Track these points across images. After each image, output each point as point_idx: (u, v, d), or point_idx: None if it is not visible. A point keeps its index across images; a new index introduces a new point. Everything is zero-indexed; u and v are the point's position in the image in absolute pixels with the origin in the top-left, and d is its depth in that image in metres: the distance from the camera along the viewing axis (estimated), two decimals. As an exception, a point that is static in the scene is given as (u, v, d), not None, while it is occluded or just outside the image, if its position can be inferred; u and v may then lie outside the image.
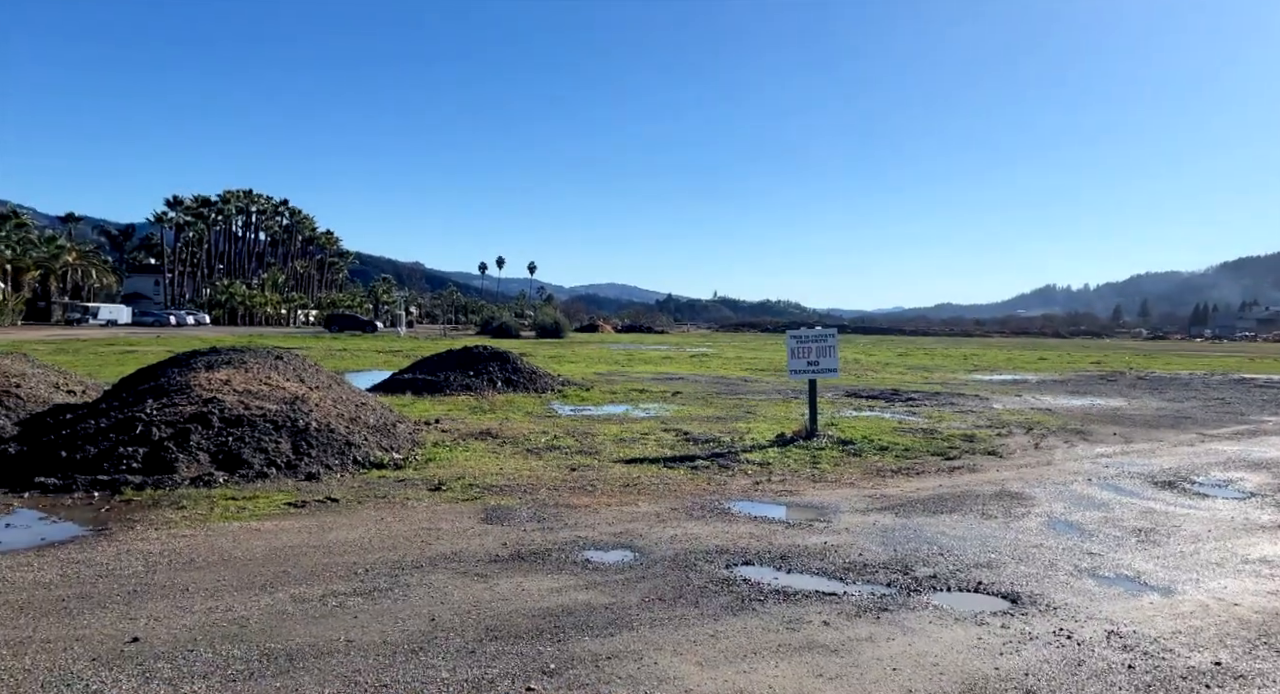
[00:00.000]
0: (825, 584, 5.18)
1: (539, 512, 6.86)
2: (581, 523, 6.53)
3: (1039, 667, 3.94)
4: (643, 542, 6.02)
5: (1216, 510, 7.39)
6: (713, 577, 5.25)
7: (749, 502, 7.48)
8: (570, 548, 5.82)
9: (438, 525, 6.34)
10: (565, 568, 5.36)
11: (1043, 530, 6.60)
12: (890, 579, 5.28)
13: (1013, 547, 6.09)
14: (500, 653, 3.97)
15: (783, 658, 4.02)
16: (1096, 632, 4.39)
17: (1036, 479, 8.76)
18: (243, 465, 7.74)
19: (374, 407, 10.86)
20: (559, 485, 7.92)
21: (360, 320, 73.22)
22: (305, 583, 4.91)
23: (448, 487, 7.72)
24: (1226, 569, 5.57)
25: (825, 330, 11.85)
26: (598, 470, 8.72)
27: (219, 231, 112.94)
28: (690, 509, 7.07)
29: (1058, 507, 7.47)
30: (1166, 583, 5.27)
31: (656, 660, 3.94)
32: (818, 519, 6.84)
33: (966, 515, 7.07)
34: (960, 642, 4.25)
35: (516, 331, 66.61)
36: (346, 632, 4.18)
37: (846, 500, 7.58)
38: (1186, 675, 3.85)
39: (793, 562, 5.62)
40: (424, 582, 5.00)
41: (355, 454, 8.55)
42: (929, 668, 3.92)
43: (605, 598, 4.79)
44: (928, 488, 8.23)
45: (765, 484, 8.24)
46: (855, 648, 4.15)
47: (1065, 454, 10.47)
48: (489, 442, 10.47)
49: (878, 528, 6.58)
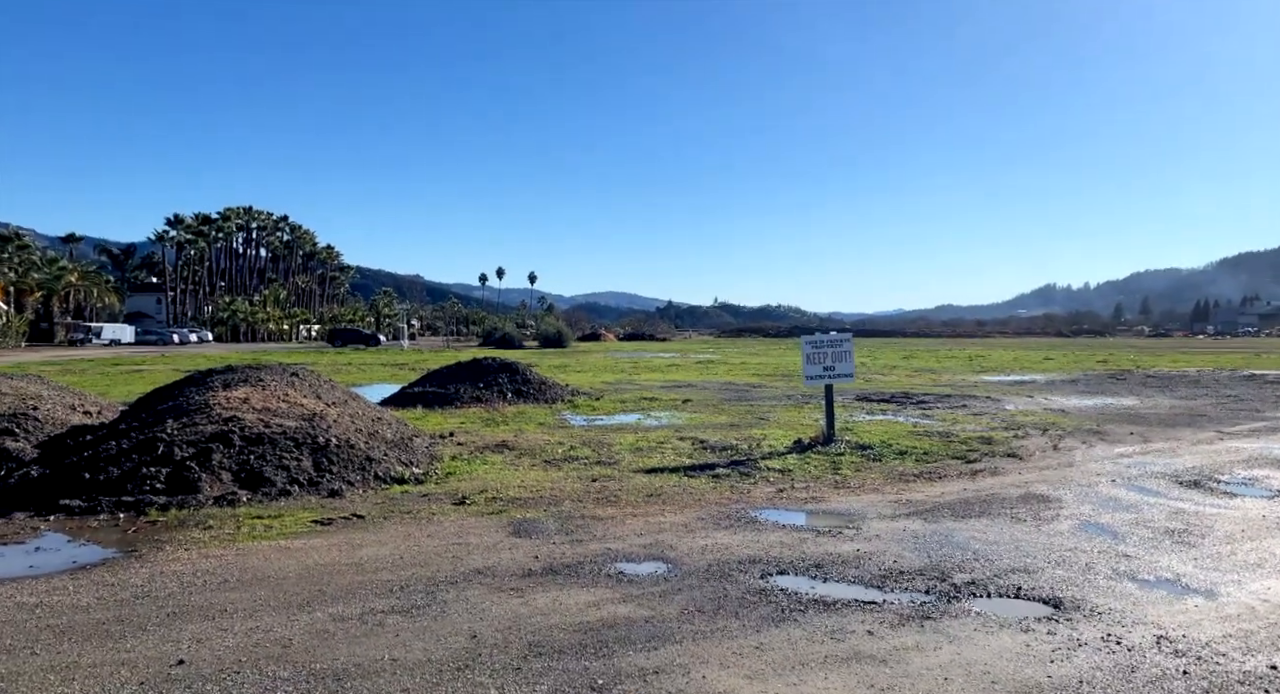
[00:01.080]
0: (863, 593, 5.14)
1: (565, 524, 6.82)
2: (610, 535, 6.48)
3: (1092, 674, 3.89)
4: (674, 553, 5.98)
5: (1247, 510, 7.34)
6: (749, 587, 5.20)
7: (775, 510, 7.44)
8: (602, 560, 5.77)
9: (467, 540, 6.30)
10: (600, 581, 5.32)
11: (1075, 533, 6.55)
12: (929, 586, 5.24)
13: (1047, 550, 6.05)
14: (546, 670, 3.93)
15: (831, 669, 3.97)
16: (1145, 637, 4.34)
17: (1060, 481, 8.71)
18: (265, 483, 7.71)
19: (389, 421, 10.83)
20: (582, 497, 7.88)
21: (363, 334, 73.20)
22: (342, 601, 4.87)
23: (471, 500, 7.68)
24: (1267, 570, 5.52)
25: (840, 335, 11.82)
26: (619, 481, 8.68)
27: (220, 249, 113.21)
28: (717, 519, 7.02)
29: (1086, 509, 7.42)
30: (1208, 585, 5.22)
31: (704, 675, 3.90)
32: (847, 526, 6.80)
33: (996, 519, 7.02)
34: (1008, 649, 4.20)
35: (519, 342, 66.63)
36: (390, 650, 4.14)
37: (873, 506, 7.53)
38: (1244, 680, 3.80)
39: (828, 570, 5.57)
40: (460, 597, 4.96)
41: (376, 470, 8.51)
42: (980, 677, 3.88)
43: (644, 611, 4.74)
44: (952, 492, 8.18)
45: (789, 491, 8.20)
46: (903, 657, 4.11)
47: (1085, 455, 10.41)
48: (506, 454, 10.44)
49: (908, 534, 6.54)
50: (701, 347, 68.51)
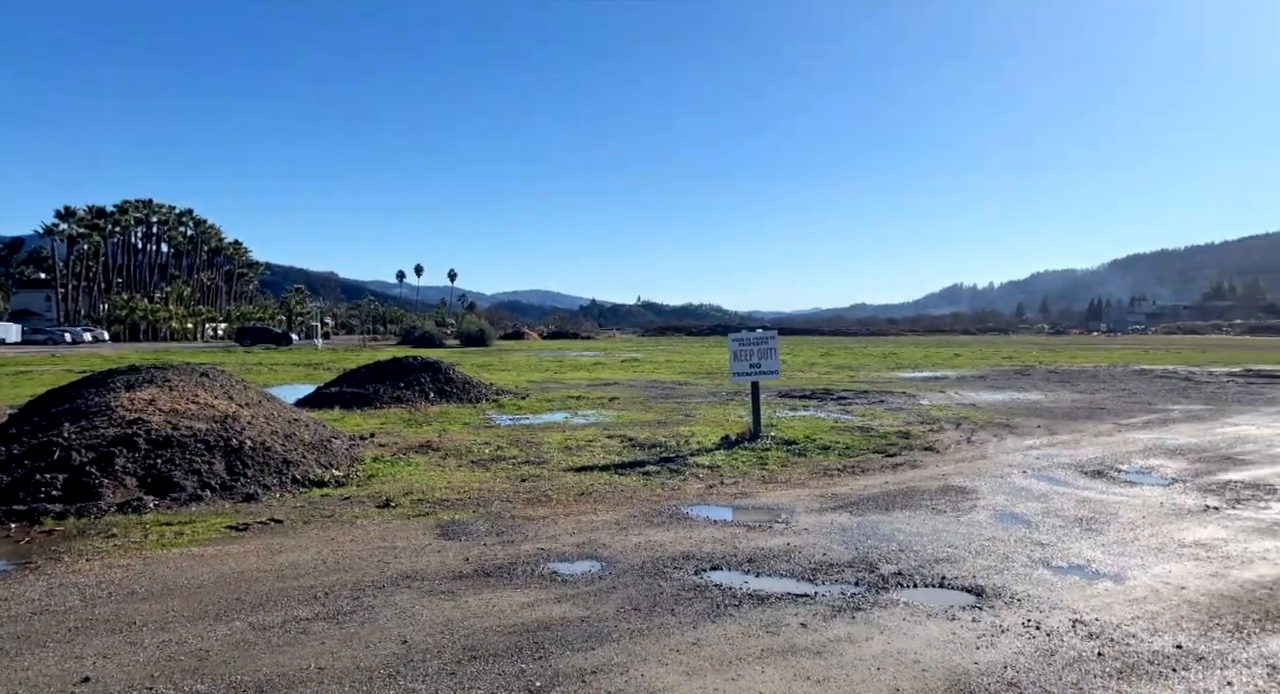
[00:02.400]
0: (796, 586, 5.21)
1: (496, 525, 6.69)
2: (542, 534, 6.39)
3: (1015, 659, 4.03)
4: (608, 551, 5.94)
5: (1146, 497, 7.77)
6: (684, 584, 5.20)
7: (706, 506, 7.48)
8: (535, 561, 5.69)
9: (393, 543, 6.11)
10: (533, 582, 5.23)
11: (992, 523, 6.81)
12: (858, 578, 5.34)
13: (967, 540, 6.26)
14: (482, 673, 3.83)
15: (767, 663, 4.00)
16: (1062, 621, 4.53)
17: (975, 472, 9.05)
18: (175, 488, 7.30)
19: (307, 422, 10.44)
20: (512, 497, 7.75)
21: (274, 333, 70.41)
22: (262, 609, 4.64)
23: (396, 503, 7.46)
24: (1167, 554, 5.85)
25: (765, 333, 11.99)
26: (549, 480, 8.58)
27: (116, 244, 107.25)
28: (649, 516, 7.01)
29: (1001, 499, 7.72)
30: (1116, 570, 5.49)
31: (643, 673, 3.87)
32: (776, 520, 6.89)
33: (918, 511, 7.23)
34: (936, 637, 4.32)
35: (440, 341, 65.37)
36: (316, 659, 3.96)
37: (801, 501, 7.66)
38: (1153, 660, 4.00)
39: (760, 564, 5.63)
40: (389, 602, 4.80)
41: (294, 472, 8.18)
42: (911, 665, 3.97)
43: (580, 611, 4.69)
44: (875, 485, 8.39)
45: (719, 487, 8.26)
46: (837, 649, 4.17)
47: (997, 447, 10.85)
48: (431, 455, 10.19)
49: (836, 527, 6.67)
50: (626, 345, 68.64)
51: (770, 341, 11.89)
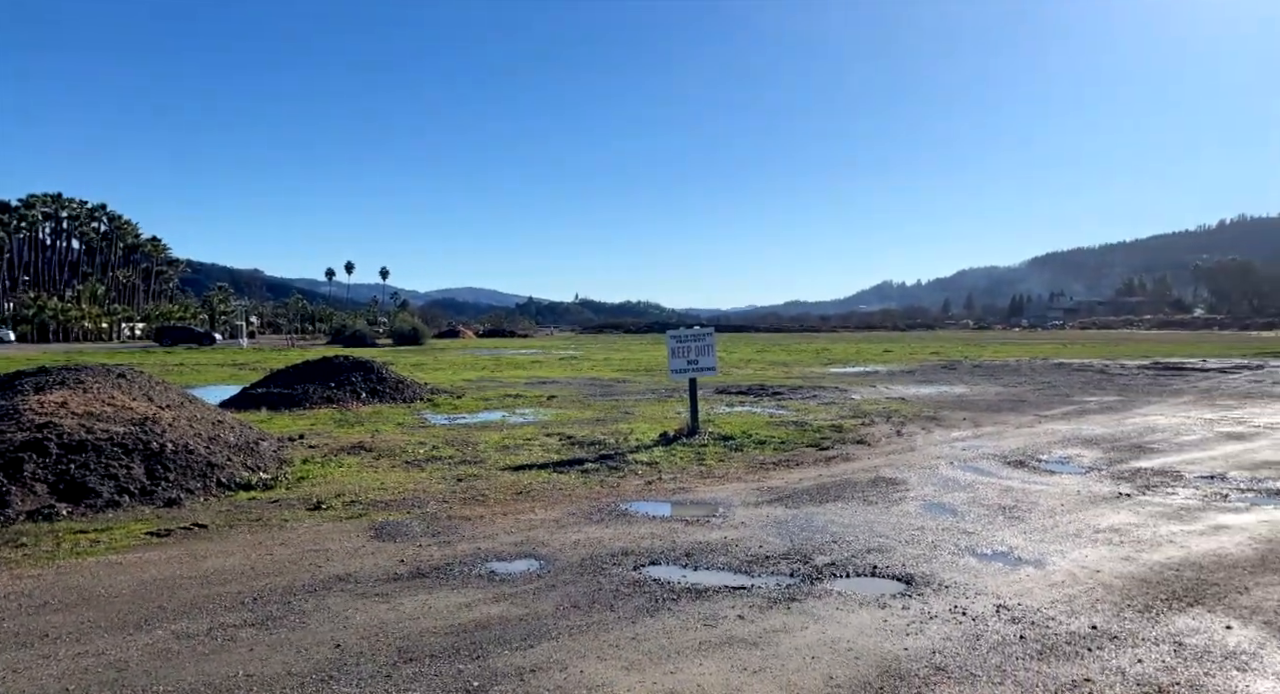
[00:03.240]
0: (733, 579, 5.27)
1: (432, 525, 6.59)
2: (479, 534, 6.33)
3: (943, 644, 4.16)
4: (546, 549, 5.91)
5: (1064, 485, 8.12)
6: (623, 579, 5.22)
7: (645, 502, 7.51)
8: (472, 561, 5.62)
9: (325, 546, 5.96)
10: (470, 582, 5.17)
11: (920, 513, 7.01)
12: (793, 569, 5.44)
13: (897, 530, 6.43)
14: (418, 675, 3.77)
15: (705, 655, 4.04)
16: (987, 606, 4.70)
17: (905, 464, 9.31)
18: (90, 494, 6.98)
19: (232, 424, 10.09)
20: (448, 497, 7.65)
21: (196, 332, 67.80)
22: (186, 617, 4.47)
23: (328, 505, 7.28)
24: (1084, 539, 6.12)
25: (703, 330, 12.10)
26: (486, 479, 8.49)
27: (22, 240, 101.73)
28: (588, 513, 7.01)
29: (929, 490, 7.96)
30: (1037, 556, 5.72)
31: (582, 669, 3.87)
32: (713, 515, 6.96)
33: (850, 502, 7.41)
34: (868, 625, 4.43)
35: (372, 340, 63.96)
36: (244, 666, 3.84)
37: (737, 495, 7.76)
38: (1070, 641, 4.19)
39: (698, 558, 5.68)
40: (321, 606, 4.68)
41: (219, 476, 7.91)
42: (844, 653, 4.06)
43: (518, 609, 4.66)
44: (809, 478, 8.56)
45: (657, 483, 8.30)
46: (773, 639, 4.24)
47: (925, 440, 11.18)
48: (363, 456, 9.98)
49: (771, 520, 6.78)
50: (564, 343, 68.35)
51: (707, 338, 12.00)
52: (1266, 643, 4.10)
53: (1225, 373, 23.10)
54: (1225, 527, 6.38)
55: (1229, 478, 8.31)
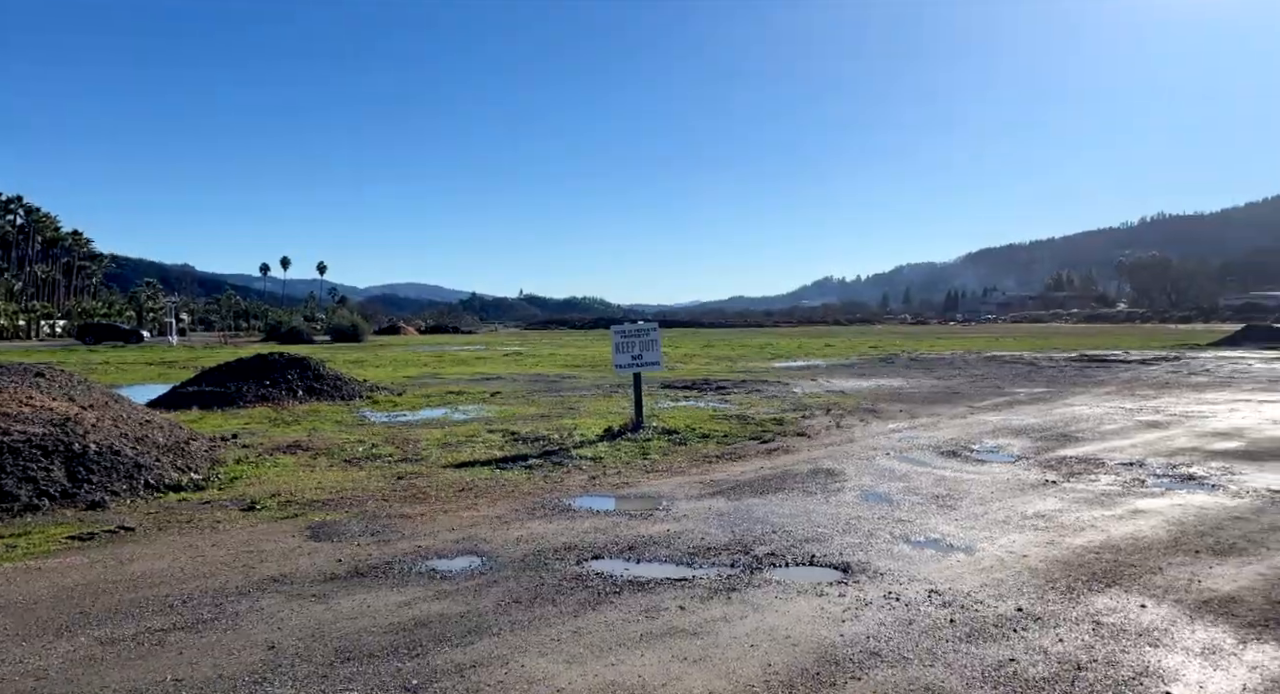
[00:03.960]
0: (675, 571, 5.32)
1: (370, 524, 6.49)
2: (420, 532, 6.25)
3: (878, 630, 4.28)
4: (488, 546, 5.88)
5: (994, 474, 8.40)
6: (565, 574, 5.22)
7: (589, 497, 7.52)
8: (412, 559, 5.56)
9: (259, 547, 5.81)
10: (410, 580, 5.11)
11: (858, 503, 7.18)
12: (733, 560, 5.52)
13: (835, 520, 6.57)
14: (355, 674, 3.72)
15: (647, 646, 4.08)
16: (919, 592, 4.84)
17: (843, 455, 9.51)
18: (6, 498, 6.67)
19: (161, 424, 9.75)
20: (388, 495, 7.53)
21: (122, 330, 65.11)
22: (111, 623, 4.32)
23: (262, 505, 7.10)
24: (1012, 526, 6.34)
25: (647, 325, 12.15)
26: (427, 477, 8.39)
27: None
28: (532, 509, 6.98)
29: (866, 480, 8.14)
30: (967, 542, 5.91)
31: (523, 663, 3.87)
32: (657, 508, 7.01)
33: (790, 494, 7.53)
34: (806, 613, 4.53)
35: (309, 336, 62.42)
36: (173, 670, 3.73)
37: (681, 488, 7.82)
38: (998, 623, 4.34)
39: (641, 552, 5.72)
40: (254, 608, 4.57)
41: (147, 477, 7.64)
42: (782, 641, 4.14)
43: (459, 607, 4.62)
44: (751, 470, 8.68)
45: (601, 478, 8.32)
46: (713, 629, 4.30)
47: (863, 432, 11.43)
48: (300, 455, 9.76)
49: (714, 512, 6.86)
50: (508, 339, 67.78)
51: (652, 334, 12.05)
52: (1177, 620, 4.32)
53: (1145, 364, 24.15)
54: (1142, 511, 6.69)
55: (1146, 464, 8.70)
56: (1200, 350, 32.48)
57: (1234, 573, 5.06)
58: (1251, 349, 32.49)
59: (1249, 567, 5.18)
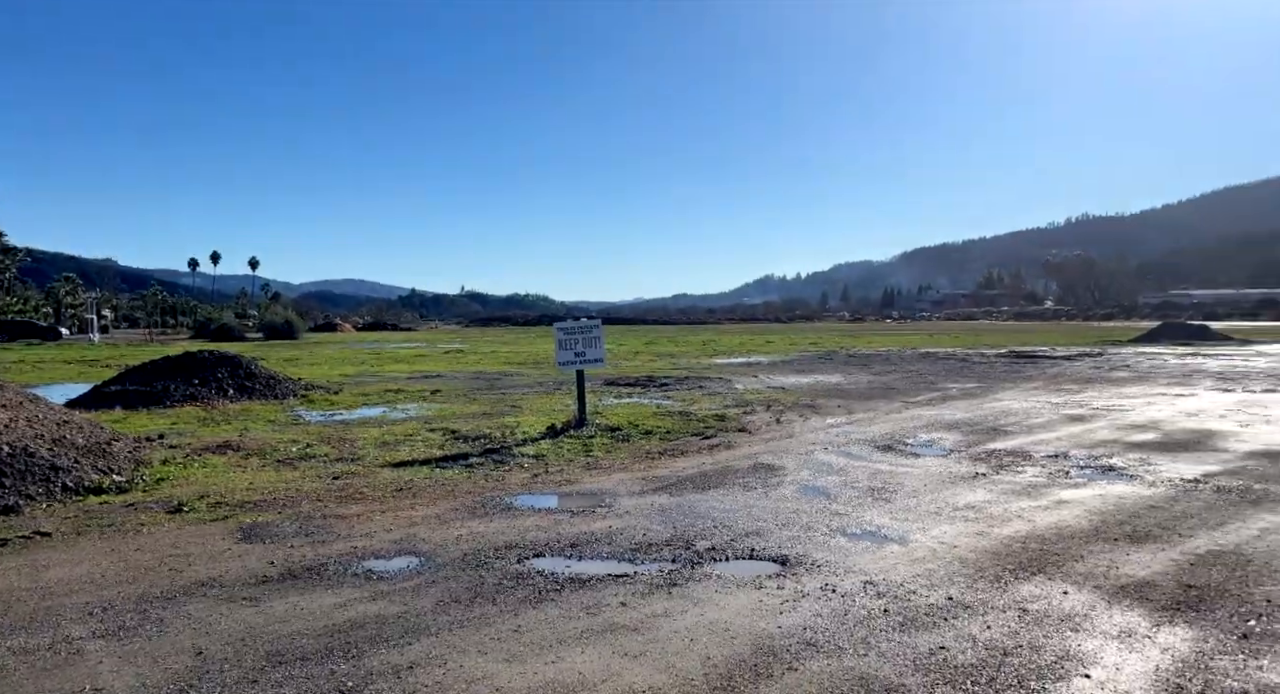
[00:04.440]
0: (617, 567, 5.33)
1: (305, 525, 6.33)
2: (356, 533, 6.13)
3: (814, 620, 4.36)
4: (427, 545, 5.79)
5: (927, 467, 8.62)
6: (506, 572, 5.18)
7: (530, 495, 7.48)
8: (348, 560, 5.44)
9: (186, 550, 5.62)
10: (346, 581, 5.01)
11: (796, 497, 7.30)
12: (675, 555, 5.55)
13: (774, 514, 6.67)
14: (288, 678, 3.63)
15: (588, 643, 4.08)
16: (855, 583, 4.95)
17: (783, 450, 9.65)
18: (-91, 504, 6.30)
19: (80, 424, 9.34)
20: (323, 496, 7.36)
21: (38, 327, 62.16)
22: (25, 632, 4.12)
23: (190, 507, 6.87)
24: (943, 517, 6.52)
25: (590, 322, 12.13)
26: (364, 477, 8.23)
27: None
28: (472, 508, 6.91)
29: (805, 474, 8.28)
30: (901, 534, 6.06)
31: (462, 663, 3.83)
32: (599, 505, 7.01)
33: (731, 489, 7.61)
34: (745, 606, 4.58)
35: (241, 334, 60.61)
36: (91, 680, 3.58)
37: (623, 484, 7.83)
38: (929, 612, 4.47)
39: (583, 549, 5.71)
40: (180, 613, 4.42)
41: (65, 479, 7.31)
42: (722, 633, 4.19)
43: (396, 607, 4.55)
44: (693, 466, 8.74)
45: (544, 476, 8.27)
46: (654, 624, 4.32)
47: (802, 427, 11.62)
48: (230, 455, 9.46)
49: (656, 507, 6.89)
50: (449, 336, 66.85)
51: (595, 330, 12.04)
52: (1096, 605, 4.51)
53: (1071, 360, 25.11)
54: (1066, 501, 6.95)
55: (1070, 456, 9.05)
56: (1121, 346, 33.92)
57: (1149, 559, 5.30)
58: (1167, 345, 34.08)
59: (1163, 553, 5.43)
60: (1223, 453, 9.12)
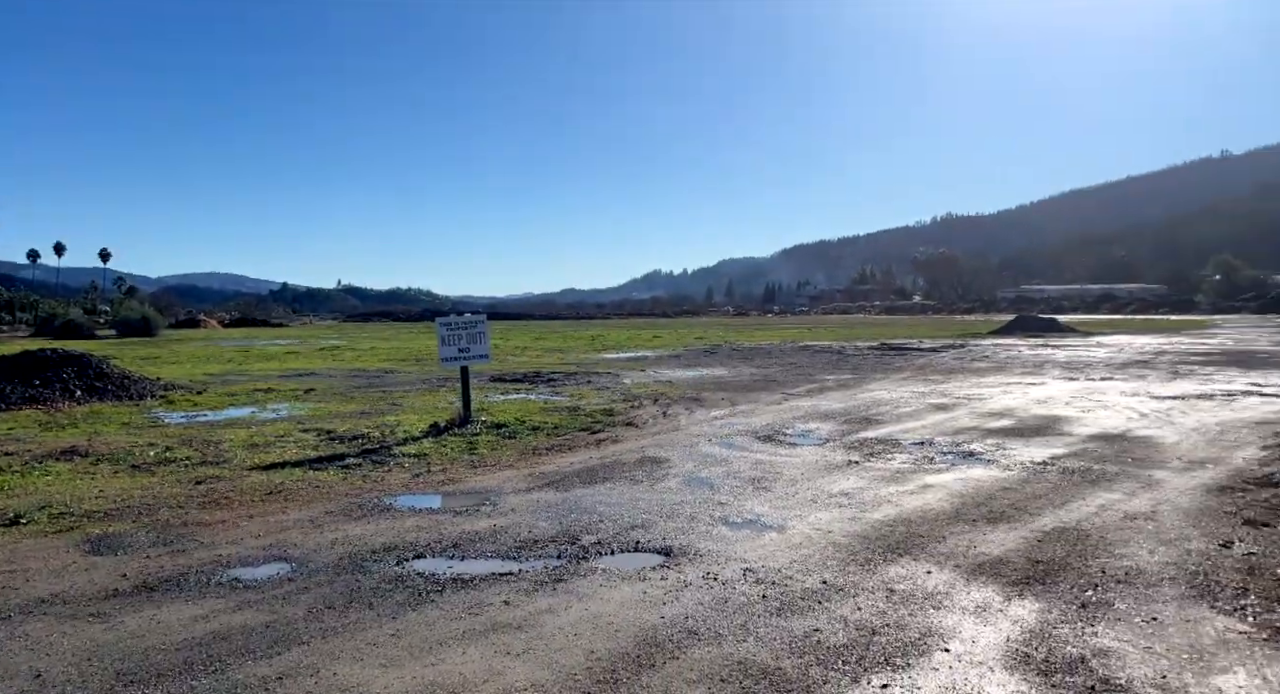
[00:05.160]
0: (501, 565, 5.26)
1: (163, 534, 5.93)
2: (221, 540, 5.79)
3: (695, 609, 4.44)
4: (299, 551, 5.54)
5: (804, 456, 8.95)
6: (384, 576, 5.02)
7: (411, 495, 7.27)
8: (211, 568, 5.14)
9: (24, 566, 5.16)
10: (209, 591, 4.72)
11: (681, 488, 7.41)
12: (560, 551, 5.54)
13: (659, 506, 6.76)
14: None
15: (469, 643, 4.01)
16: (735, 571, 5.08)
17: (669, 443, 9.78)
18: None
19: (-102, 430, 8.40)
20: (184, 502, 6.91)
21: None
22: None
23: (29, 518, 6.30)
24: (819, 504, 6.79)
25: (474, 317, 11.89)
26: (230, 481, 7.78)
27: None
28: (348, 510, 6.65)
29: (689, 466, 8.43)
30: (779, 521, 6.26)
31: (335, 670, 3.68)
32: (483, 503, 6.90)
33: (618, 483, 7.66)
34: (628, 598, 4.62)
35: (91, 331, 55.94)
36: (-93, 720, 3.23)
37: (509, 482, 7.74)
38: (804, 596, 4.64)
39: (466, 548, 5.61)
40: (16, 635, 4.05)
41: (-123, 493, 6.55)
42: (605, 627, 4.21)
43: (265, 616, 4.32)
44: (580, 461, 8.74)
45: (425, 475, 8.07)
46: (537, 621, 4.30)
47: (688, 419, 11.82)
48: (77, 461, 8.74)
49: (542, 504, 6.84)
50: (325, 332, 64.07)
51: (480, 326, 11.82)
52: (956, 583, 4.80)
53: (936, 352, 26.63)
54: (930, 486, 7.37)
55: (935, 443, 9.61)
56: (981, 338, 36.27)
57: (1003, 538, 5.70)
58: (1022, 337, 36.71)
59: (1015, 531, 5.85)
60: (1068, 437, 9.91)
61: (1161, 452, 8.86)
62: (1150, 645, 3.87)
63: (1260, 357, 23.11)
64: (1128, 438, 9.76)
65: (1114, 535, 5.69)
